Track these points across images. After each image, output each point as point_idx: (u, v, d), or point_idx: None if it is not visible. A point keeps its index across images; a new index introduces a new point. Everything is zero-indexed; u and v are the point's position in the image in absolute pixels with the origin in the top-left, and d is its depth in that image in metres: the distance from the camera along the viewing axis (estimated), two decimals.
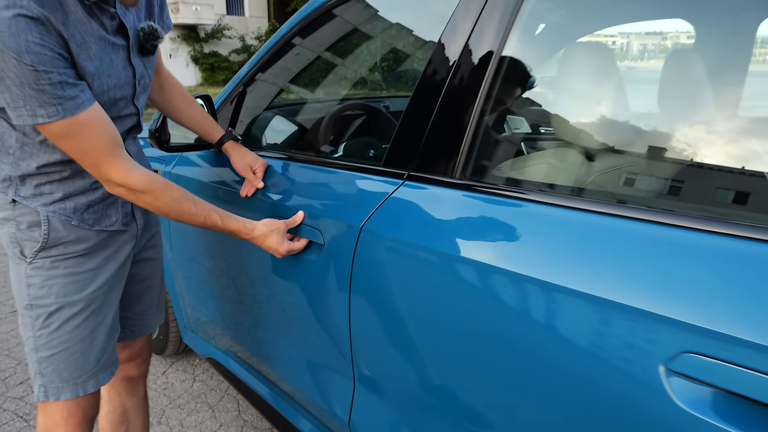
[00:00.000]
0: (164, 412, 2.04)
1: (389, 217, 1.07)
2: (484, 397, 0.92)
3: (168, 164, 1.93)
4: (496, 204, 0.95)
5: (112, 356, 1.22)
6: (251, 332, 1.61)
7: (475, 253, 0.91)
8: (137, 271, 1.33)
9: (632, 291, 0.72)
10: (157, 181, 1.06)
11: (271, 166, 1.46)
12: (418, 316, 1.00)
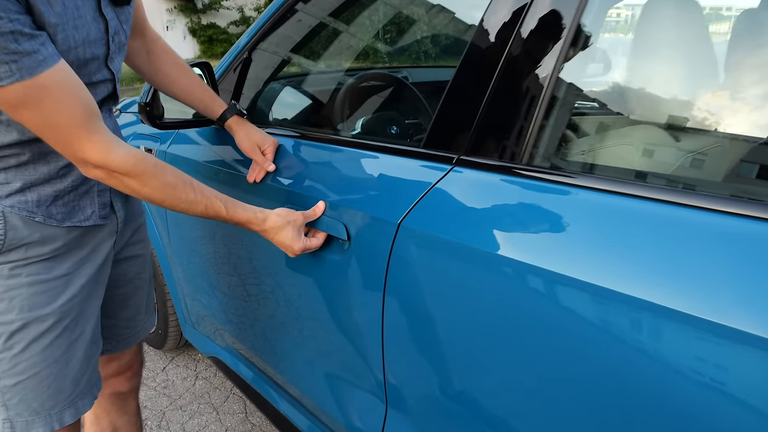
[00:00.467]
0: (164, 415, 1.86)
1: (436, 212, 0.86)
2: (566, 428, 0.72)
3: (163, 142, 1.71)
4: (576, 198, 0.74)
5: (94, 376, 1.02)
6: (259, 335, 1.42)
7: (551, 263, 0.70)
8: (121, 272, 1.12)
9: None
10: (146, 161, 0.85)
11: (282, 145, 1.24)
12: (479, 337, 0.80)
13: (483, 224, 0.79)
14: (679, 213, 0.64)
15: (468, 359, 0.83)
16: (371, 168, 1.04)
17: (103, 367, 1.20)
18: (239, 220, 0.97)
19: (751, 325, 0.54)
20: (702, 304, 0.57)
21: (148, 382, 2.03)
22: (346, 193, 1.04)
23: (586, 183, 0.73)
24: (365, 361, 1.05)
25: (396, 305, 0.92)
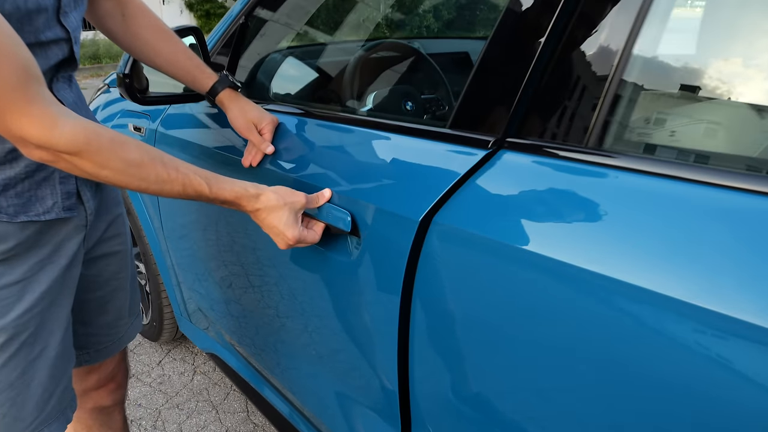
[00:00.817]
0: (160, 414, 1.74)
1: (478, 206, 0.70)
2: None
3: (153, 120, 1.54)
4: (664, 190, 0.57)
5: (66, 396, 0.88)
6: (257, 337, 1.27)
7: (634, 276, 0.54)
8: (95, 273, 0.97)
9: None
10: (100, 137, 0.68)
11: (283, 124, 1.08)
12: (543, 358, 0.65)
13: (542, 223, 0.63)
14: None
15: (529, 384, 0.68)
16: (387, 151, 0.87)
17: (81, 380, 1.06)
18: (226, 199, 0.79)
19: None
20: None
21: (143, 377, 1.90)
22: (356, 181, 0.88)
23: (675, 172, 0.56)
24: (378, 378, 0.90)
25: (427, 315, 0.77)
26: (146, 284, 1.92)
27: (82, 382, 1.06)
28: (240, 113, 1.03)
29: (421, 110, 1.39)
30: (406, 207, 0.77)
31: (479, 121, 0.77)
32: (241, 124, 1.03)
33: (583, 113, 0.65)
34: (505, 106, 0.72)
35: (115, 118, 1.82)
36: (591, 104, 0.64)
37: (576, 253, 0.58)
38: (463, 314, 0.72)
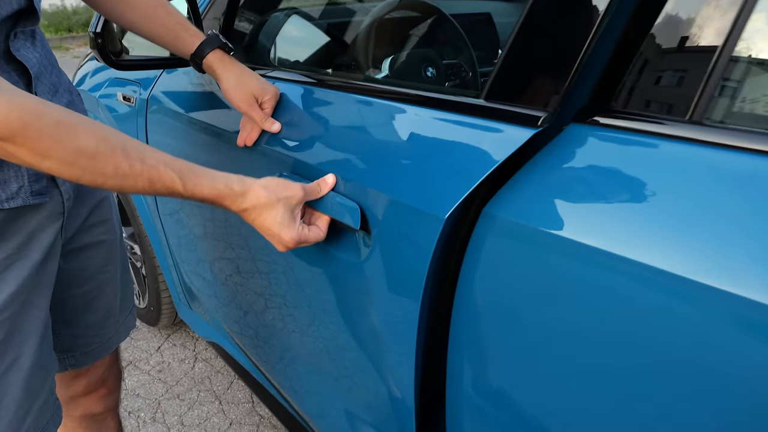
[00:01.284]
0: (159, 405, 1.64)
1: (541, 197, 0.56)
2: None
3: (145, 88, 1.40)
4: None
5: (46, 411, 0.76)
6: (258, 338, 1.15)
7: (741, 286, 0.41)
8: (78, 266, 0.85)
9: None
10: (41, 117, 0.53)
11: (284, 94, 0.93)
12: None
13: (620, 220, 0.50)
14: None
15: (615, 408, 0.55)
16: (408, 128, 0.72)
17: (67, 385, 0.94)
18: (205, 197, 0.65)
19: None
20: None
21: (141, 364, 1.80)
22: (369, 165, 0.74)
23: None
24: (391, 395, 0.78)
25: (473, 330, 0.65)
26: (142, 267, 1.80)
27: (68, 388, 0.95)
28: (237, 83, 0.87)
29: (443, 78, 1.24)
30: (428, 200, 0.63)
31: (525, 92, 0.62)
32: (237, 96, 0.86)
33: (679, 84, 0.51)
34: (562, 72, 0.57)
35: (102, 87, 1.67)
36: (700, 65, 0.50)
37: (676, 258, 0.45)
38: (525, 327, 0.59)
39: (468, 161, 0.62)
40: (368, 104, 0.81)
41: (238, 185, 0.67)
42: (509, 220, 0.57)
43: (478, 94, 0.66)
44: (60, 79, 0.77)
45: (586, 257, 0.50)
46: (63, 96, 0.76)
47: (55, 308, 0.85)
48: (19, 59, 0.65)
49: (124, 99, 1.48)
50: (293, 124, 0.89)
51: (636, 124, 0.54)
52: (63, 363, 0.90)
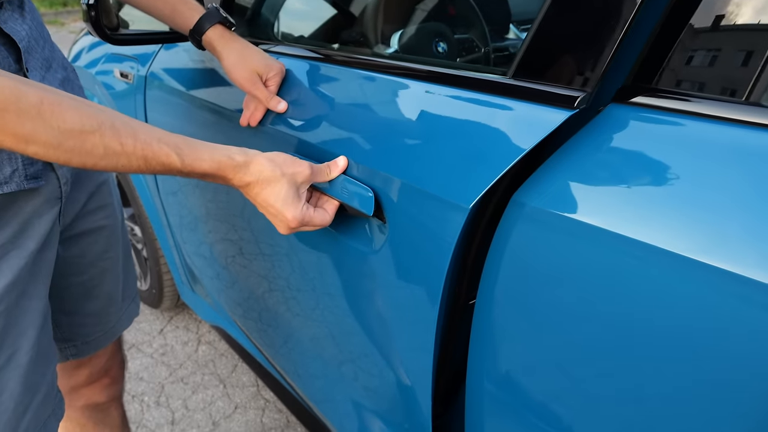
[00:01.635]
0: (163, 389, 1.62)
1: (570, 185, 0.52)
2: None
3: (143, 64, 1.34)
4: None
5: (47, 405, 0.73)
6: (263, 325, 1.12)
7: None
8: (77, 254, 0.81)
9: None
10: (21, 97, 0.48)
11: (290, 71, 0.88)
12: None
13: (673, 213, 0.46)
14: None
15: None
16: (426, 108, 0.68)
17: (69, 376, 0.91)
18: (206, 171, 0.59)
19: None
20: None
21: (144, 347, 1.77)
22: (384, 148, 0.69)
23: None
24: (405, 391, 0.75)
25: (497, 330, 0.61)
26: (143, 249, 1.76)
27: (69, 378, 0.91)
28: (239, 60, 0.81)
29: (455, 53, 1.19)
30: (451, 188, 0.59)
31: (560, 70, 0.57)
32: (240, 74, 0.81)
33: (737, 57, 0.47)
34: (603, 47, 0.52)
35: (98, 63, 1.61)
36: (760, 41, 0.45)
37: (727, 254, 0.41)
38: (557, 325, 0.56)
39: (495, 145, 0.58)
40: (381, 82, 0.76)
41: (241, 156, 0.62)
42: (542, 209, 0.52)
43: (504, 72, 0.61)
44: (53, 54, 0.72)
45: (628, 251, 0.46)
46: (57, 72, 0.72)
47: (55, 297, 0.81)
48: (6, 32, 0.60)
49: (122, 76, 1.42)
50: (300, 103, 0.84)
51: (683, 105, 0.49)
52: (64, 353, 0.87)
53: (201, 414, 1.52)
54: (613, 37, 0.50)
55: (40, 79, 0.66)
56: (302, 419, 1.25)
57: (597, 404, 0.53)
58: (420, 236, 0.63)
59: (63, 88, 0.71)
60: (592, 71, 0.52)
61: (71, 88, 0.74)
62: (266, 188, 0.63)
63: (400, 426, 0.82)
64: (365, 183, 0.69)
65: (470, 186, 0.57)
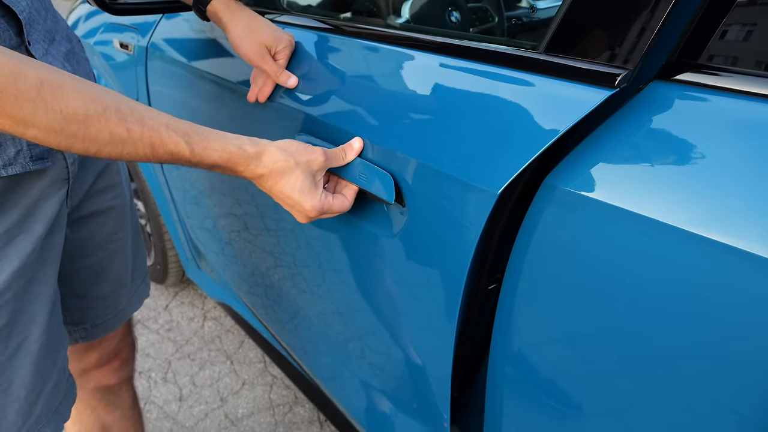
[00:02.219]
0: (170, 365, 1.61)
1: (611, 168, 0.49)
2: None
3: (143, 35, 1.29)
4: None
5: (58, 391, 0.71)
6: (273, 306, 1.10)
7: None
8: (86, 236, 0.78)
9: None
10: (19, 77, 0.44)
11: (299, 44, 0.84)
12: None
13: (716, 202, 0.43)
14: None
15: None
16: (452, 82, 0.64)
17: (79, 358, 0.89)
18: (215, 162, 0.57)
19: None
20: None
21: (149, 323, 1.76)
22: (402, 127, 0.65)
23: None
24: (423, 377, 0.74)
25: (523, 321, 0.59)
26: (146, 224, 1.74)
27: (80, 361, 0.90)
28: (246, 32, 0.77)
29: (468, 23, 1.14)
30: (477, 172, 0.56)
31: (598, 45, 0.53)
32: (248, 47, 0.76)
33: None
34: (648, 20, 0.49)
35: (97, 33, 1.55)
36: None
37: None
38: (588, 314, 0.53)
39: (525, 126, 0.54)
40: (398, 55, 0.72)
41: (252, 147, 0.59)
42: (577, 193, 0.49)
43: (535, 46, 0.58)
44: (56, 25, 0.68)
45: (665, 239, 0.44)
46: (61, 44, 0.68)
47: (64, 280, 0.79)
48: (5, 3, 0.56)
49: (122, 46, 1.37)
50: (310, 77, 0.81)
51: (733, 83, 0.46)
52: (73, 336, 0.85)
53: (209, 390, 1.52)
54: (661, 7, 0.47)
55: (44, 52, 0.63)
56: (310, 395, 1.25)
57: (621, 387, 0.52)
58: (442, 222, 0.61)
59: (68, 62, 0.68)
60: (636, 46, 0.49)
61: (76, 61, 0.71)
62: (281, 180, 0.60)
63: (414, 406, 0.81)
64: (383, 165, 0.66)
65: (498, 170, 0.54)
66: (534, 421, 0.62)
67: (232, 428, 1.41)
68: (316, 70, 0.81)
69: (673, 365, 0.46)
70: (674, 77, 0.49)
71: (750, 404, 0.43)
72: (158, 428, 1.41)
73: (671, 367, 0.47)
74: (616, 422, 0.53)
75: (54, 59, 0.64)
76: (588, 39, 0.53)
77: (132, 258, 0.88)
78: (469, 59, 0.63)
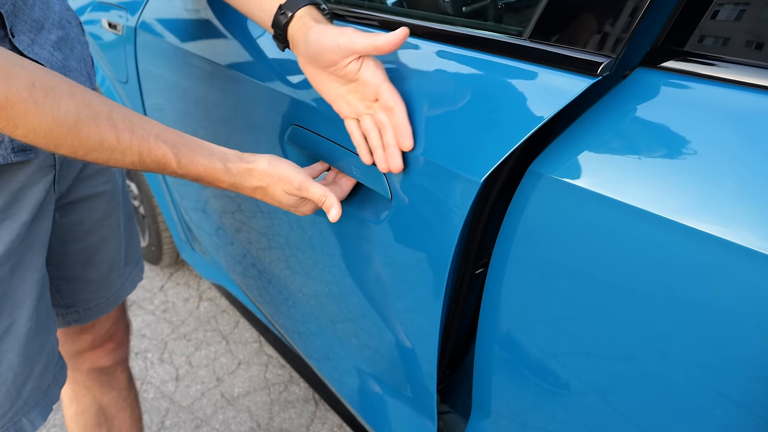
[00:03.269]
0: (166, 345, 1.63)
1: (595, 156, 0.49)
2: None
3: (132, 13, 1.27)
4: None
5: (47, 374, 0.72)
6: (261, 278, 1.11)
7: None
8: (76, 221, 0.78)
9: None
10: (11, 78, 0.44)
11: None
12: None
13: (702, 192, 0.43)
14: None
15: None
16: (435, 69, 0.63)
17: (72, 340, 0.90)
18: (200, 176, 0.58)
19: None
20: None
21: (145, 304, 1.77)
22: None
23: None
24: (410, 359, 0.74)
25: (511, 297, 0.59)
26: (140, 206, 1.74)
27: (74, 343, 0.91)
28: (322, 31, 0.58)
29: (459, 2, 1.12)
30: (460, 159, 0.56)
31: (582, 32, 0.53)
32: (327, 39, 0.58)
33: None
34: (632, 7, 0.48)
35: (85, 11, 1.53)
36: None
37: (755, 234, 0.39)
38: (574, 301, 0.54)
39: (509, 114, 0.54)
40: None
41: (236, 165, 0.60)
42: (561, 180, 0.49)
43: (520, 32, 0.57)
44: (46, 13, 0.66)
45: (646, 226, 0.44)
46: (51, 32, 0.66)
47: (55, 264, 0.79)
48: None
49: (110, 26, 1.35)
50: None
51: (719, 71, 0.45)
52: (66, 318, 0.86)
53: (205, 370, 1.54)
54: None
55: (30, 42, 0.62)
56: (304, 375, 1.26)
57: (604, 366, 0.52)
58: (427, 208, 0.61)
59: (58, 50, 0.67)
60: (619, 34, 0.48)
61: (69, 48, 0.69)
62: (269, 193, 0.63)
63: (404, 388, 0.82)
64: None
65: (482, 158, 0.54)
66: (520, 397, 0.63)
67: (228, 407, 1.43)
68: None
69: (654, 348, 0.47)
70: (659, 64, 0.49)
71: (730, 383, 0.43)
72: (155, 408, 1.43)
73: (652, 349, 0.47)
74: (601, 400, 0.54)
75: (41, 49, 0.63)
76: (572, 26, 0.52)
77: (125, 242, 0.88)
78: (454, 45, 0.63)
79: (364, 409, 0.95)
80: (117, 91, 1.43)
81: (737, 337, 0.42)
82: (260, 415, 1.41)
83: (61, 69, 0.66)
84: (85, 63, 0.73)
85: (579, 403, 0.57)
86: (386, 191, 0.64)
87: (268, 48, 0.83)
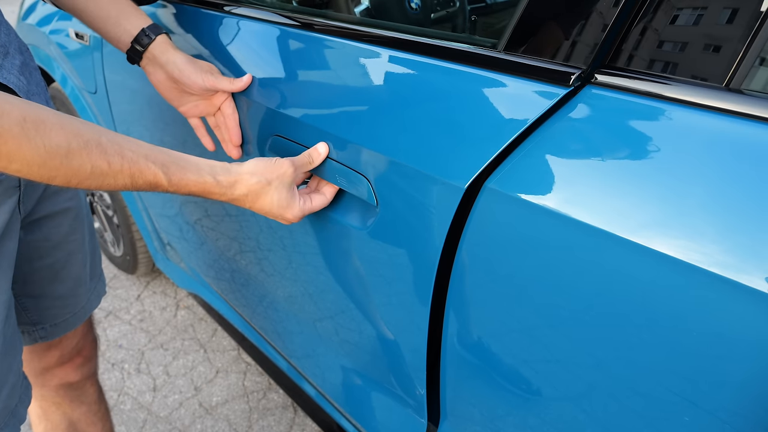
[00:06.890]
0: (143, 355, 1.61)
1: (548, 173, 0.50)
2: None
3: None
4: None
5: (14, 395, 0.71)
6: (235, 281, 1.11)
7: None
8: (41, 237, 0.78)
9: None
10: (2, 114, 0.44)
11: (259, 38, 0.83)
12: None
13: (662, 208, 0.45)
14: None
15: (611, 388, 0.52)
16: (413, 79, 0.64)
17: (39, 357, 0.89)
18: (191, 192, 0.60)
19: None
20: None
21: (121, 314, 1.76)
22: (374, 124, 0.66)
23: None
24: (400, 359, 0.75)
25: (465, 318, 0.60)
26: (114, 215, 1.72)
27: (41, 360, 0.90)
28: (190, 63, 0.77)
29: (429, 10, 1.13)
30: (444, 167, 0.57)
31: (555, 43, 0.54)
32: (195, 71, 0.76)
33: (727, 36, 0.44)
34: (602, 20, 0.50)
35: (52, 20, 1.51)
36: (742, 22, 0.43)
37: (685, 245, 0.41)
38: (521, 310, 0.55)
39: (490, 121, 0.55)
40: (360, 52, 0.71)
41: (225, 176, 0.62)
42: (507, 194, 0.51)
43: (494, 44, 0.58)
44: (9, 38, 0.66)
45: (582, 236, 0.46)
46: (15, 57, 0.66)
47: (21, 282, 0.78)
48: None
49: (77, 36, 1.33)
50: (279, 76, 0.80)
51: (658, 88, 0.47)
52: (32, 335, 0.85)
53: (182, 380, 1.53)
54: (618, 10, 0.48)
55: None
56: (281, 382, 1.26)
57: (560, 367, 0.54)
58: (411, 213, 0.62)
59: (22, 74, 0.66)
60: (589, 46, 0.50)
61: (29, 72, 0.69)
62: (258, 200, 0.64)
63: (394, 389, 0.83)
64: (355, 162, 0.66)
65: (465, 164, 0.55)
66: (482, 403, 0.65)
67: (207, 417, 1.42)
68: (286, 68, 0.80)
69: (595, 352, 0.49)
70: (600, 81, 0.50)
71: (696, 390, 0.45)
72: (132, 419, 1.42)
73: (596, 352, 0.49)
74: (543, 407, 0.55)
75: (8, 73, 0.63)
76: (546, 38, 0.54)
77: (90, 257, 0.88)
78: (429, 56, 0.64)
79: (348, 404, 0.95)
80: (86, 101, 1.41)
81: (696, 345, 0.43)
82: (239, 424, 1.41)
83: (27, 94, 0.66)
84: (42, 88, 0.73)
85: (534, 412, 0.58)
86: (372, 198, 0.65)
87: (246, 60, 0.83)
